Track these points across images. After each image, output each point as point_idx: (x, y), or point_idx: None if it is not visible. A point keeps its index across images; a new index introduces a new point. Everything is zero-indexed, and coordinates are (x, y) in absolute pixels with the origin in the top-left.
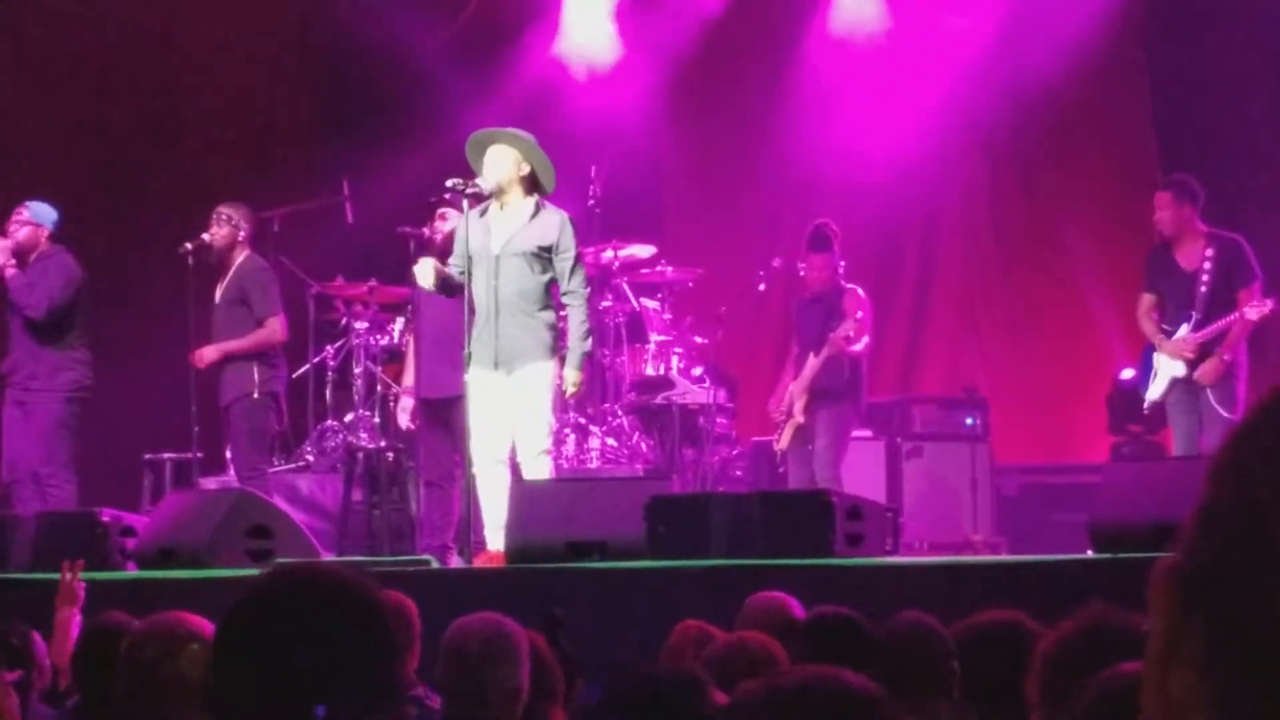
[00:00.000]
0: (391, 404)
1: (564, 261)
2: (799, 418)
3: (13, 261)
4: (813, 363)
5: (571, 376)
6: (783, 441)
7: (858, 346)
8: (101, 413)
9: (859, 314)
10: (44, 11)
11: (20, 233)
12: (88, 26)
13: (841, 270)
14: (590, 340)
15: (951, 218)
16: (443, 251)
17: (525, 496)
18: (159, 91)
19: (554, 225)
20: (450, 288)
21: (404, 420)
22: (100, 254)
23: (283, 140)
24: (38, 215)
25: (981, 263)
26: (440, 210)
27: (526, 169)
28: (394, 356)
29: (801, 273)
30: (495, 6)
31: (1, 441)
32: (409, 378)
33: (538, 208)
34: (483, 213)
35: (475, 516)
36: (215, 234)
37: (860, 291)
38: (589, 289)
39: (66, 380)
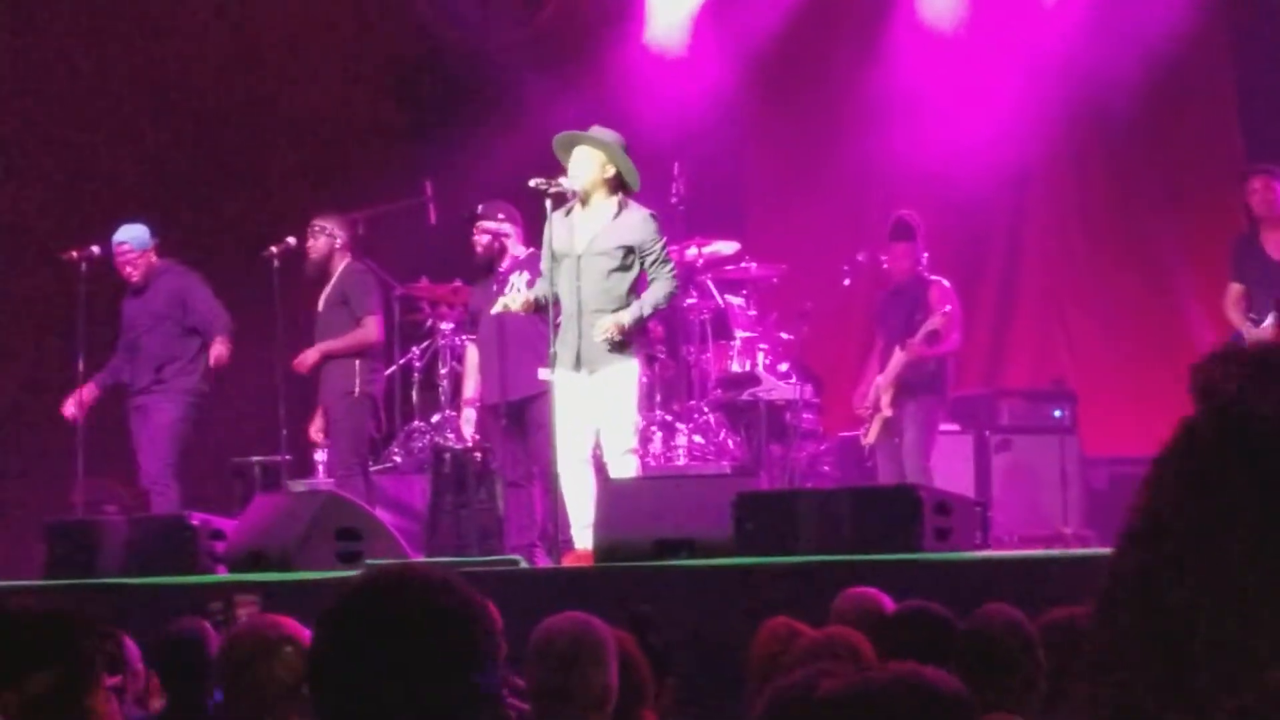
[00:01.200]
0: (455, 414)
1: (649, 255)
2: (886, 411)
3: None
4: (898, 357)
5: (616, 319)
6: (870, 436)
7: (944, 345)
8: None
9: (947, 307)
10: (120, 19)
11: (138, 267)
12: (166, 33)
13: (924, 261)
14: (652, 309)
15: (1037, 208)
16: (482, 265)
17: (613, 495)
18: (239, 97)
19: (636, 223)
20: (541, 307)
21: (468, 431)
22: (184, 259)
23: (365, 142)
24: (139, 243)
25: (1068, 253)
26: (478, 224)
27: (611, 171)
28: None
29: (885, 264)
30: (576, 3)
31: (137, 451)
32: (470, 388)
33: (620, 207)
34: (568, 212)
35: (561, 515)
36: (312, 246)
37: (945, 283)
38: (675, 278)
39: (187, 384)
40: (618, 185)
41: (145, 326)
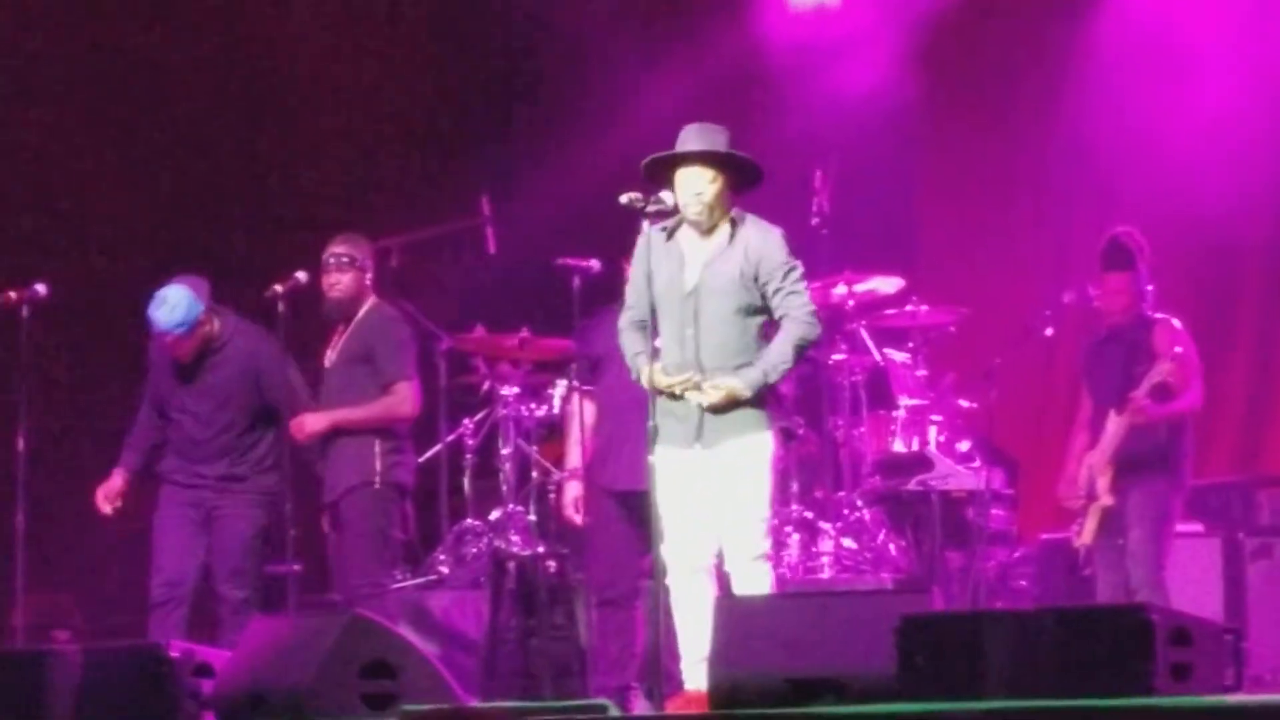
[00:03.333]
0: (552, 493)
1: (770, 283)
2: (1105, 499)
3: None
4: (1115, 423)
5: (728, 386)
6: (1084, 535)
7: (1180, 402)
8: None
9: (1178, 349)
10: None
11: (187, 345)
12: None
13: (1149, 296)
14: (783, 369)
15: None
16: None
17: (735, 618)
18: (250, 90)
19: (755, 244)
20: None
21: (571, 511)
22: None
23: (405, 148)
24: (187, 322)
25: None
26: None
27: (726, 185)
28: (554, 432)
29: (1095, 301)
30: None
31: (161, 552)
32: (575, 457)
33: (734, 224)
34: (669, 234)
35: (669, 644)
36: (335, 283)
37: (1176, 323)
38: (810, 310)
39: (267, 483)
40: (736, 201)
41: (207, 406)
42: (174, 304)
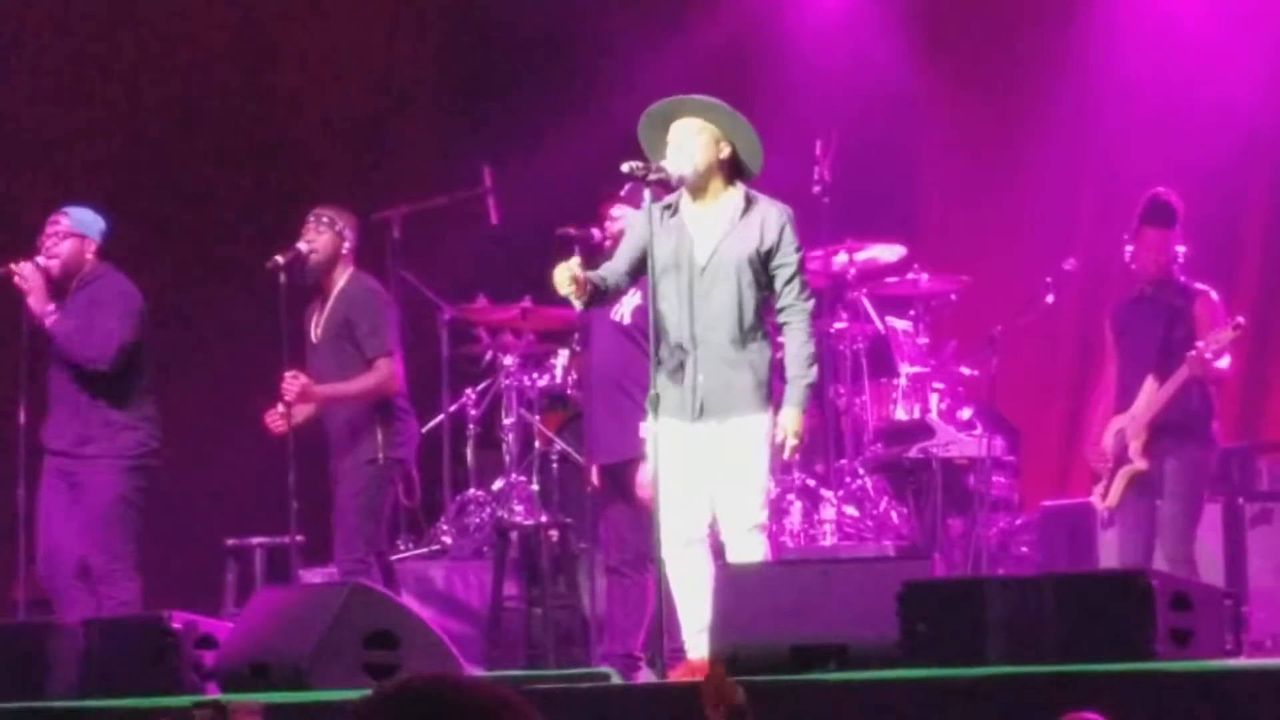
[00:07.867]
0: (556, 463)
1: (784, 268)
2: (1139, 463)
3: (51, 308)
4: (1152, 388)
5: (791, 420)
6: (1111, 498)
7: (1221, 363)
8: (169, 487)
9: (1240, 319)
10: None
11: (61, 248)
12: None
13: (1181, 258)
14: (815, 370)
15: None
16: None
17: (736, 586)
18: (246, 62)
19: (772, 223)
20: (601, 299)
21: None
22: (162, 277)
23: (403, 116)
24: (80, 223)
25: None
26: (620, 204)
27: (727, 150)
28: (556, 402)
29: (1128, 258)
30: None
31: (38, 530)
32: None
33: (749, 201)
34: (672, 211)
35: (670, 615)
36: (314, 242)
37: (1214, 296)
38: (813, 302)
39: (129, 443)
40: (735, 171)
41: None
42: (82, 208)
